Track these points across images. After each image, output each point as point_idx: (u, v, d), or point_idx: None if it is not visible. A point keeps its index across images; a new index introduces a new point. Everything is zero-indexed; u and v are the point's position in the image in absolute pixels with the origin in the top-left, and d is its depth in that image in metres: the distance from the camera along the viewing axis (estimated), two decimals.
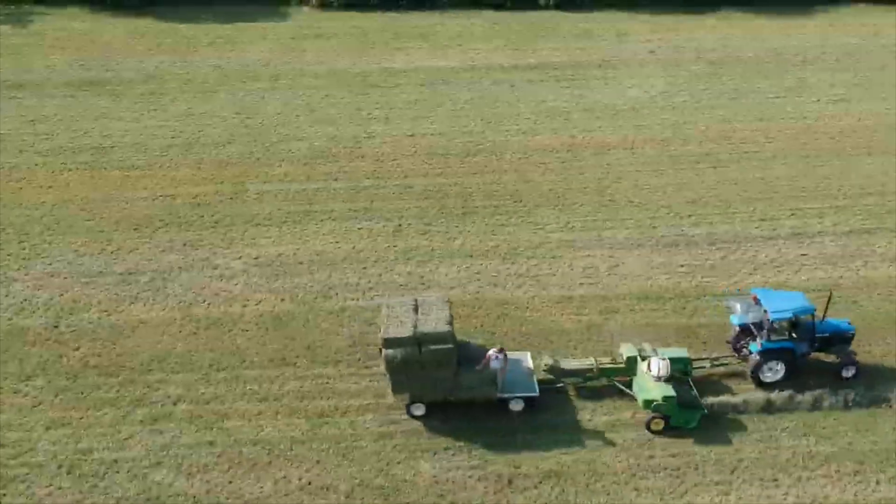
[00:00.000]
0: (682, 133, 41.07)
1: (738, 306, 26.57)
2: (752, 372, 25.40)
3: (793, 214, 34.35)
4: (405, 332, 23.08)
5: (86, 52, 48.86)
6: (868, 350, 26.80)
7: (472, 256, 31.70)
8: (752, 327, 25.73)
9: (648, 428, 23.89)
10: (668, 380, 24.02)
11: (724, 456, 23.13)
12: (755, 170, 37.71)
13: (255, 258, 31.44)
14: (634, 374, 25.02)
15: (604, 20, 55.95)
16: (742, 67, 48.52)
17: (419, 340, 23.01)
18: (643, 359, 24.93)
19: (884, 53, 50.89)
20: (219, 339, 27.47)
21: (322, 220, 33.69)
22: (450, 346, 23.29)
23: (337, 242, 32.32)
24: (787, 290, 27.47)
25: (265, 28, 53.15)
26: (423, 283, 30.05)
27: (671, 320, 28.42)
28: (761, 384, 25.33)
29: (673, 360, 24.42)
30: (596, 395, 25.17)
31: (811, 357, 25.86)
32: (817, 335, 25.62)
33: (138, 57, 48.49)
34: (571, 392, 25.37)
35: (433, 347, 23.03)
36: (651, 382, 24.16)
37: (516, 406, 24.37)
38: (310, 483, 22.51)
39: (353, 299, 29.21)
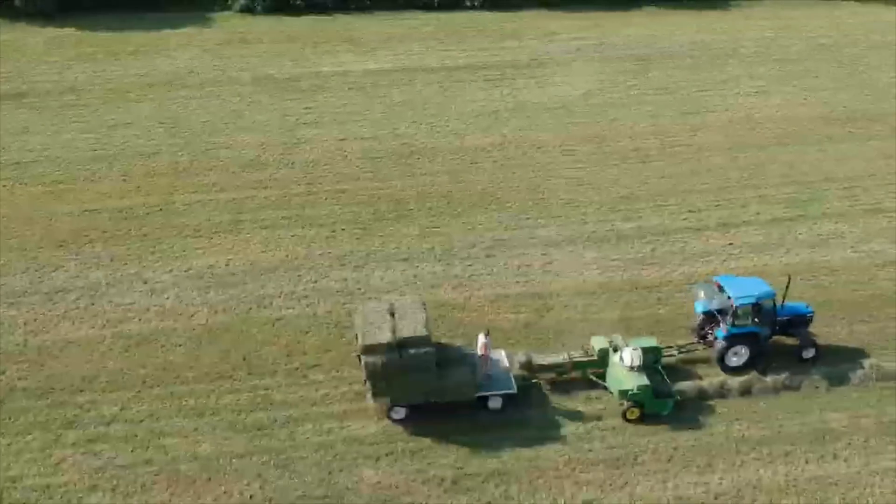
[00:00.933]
0: (611, 129, 41.74)
1: (701, 294, 27.17)
2: (718, 357, 26.03)
3: (719, 205, 35.23)
4: (384, 337, 22.95)
5: (2, 63, 47.23)
6: None
7: (407, 259, 31.68)
8: (716, 314, 26.37)
9: (624, 417, 24.29)
10: (640, 369, 24.54)
11: (660, 445, 23.60)
12: (683, 163, 38.57)
13: (186, 270, 30.84)
14: (607, 367, 25.44)
15: (531, 19, 56.51)
16: (667, 63, 49.55)
17: (399, 345, 22.96)
18: (615, 350, 25.39)
19: (798, 46, 52.60)
20: (152, 355, 26.87)
21: (254, 229, 33.24)
22: (430, 349, 23.28)
23: (270, 251, 31.93)
24: (747, 277, 28.19)
25: (189, 35, 52.17)
26: (360, 289, 29.91)
27: (605, 314, 28.85)
28: (727, 369, 26.01)
29: (644, 350, 24.93)
30: (539, 393, 25.41)
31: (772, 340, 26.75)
32: (778, 319, 26.44)
33: (58, 67, 47.10)
34: (547, 388, 25.74)
35: (413, 351, 22.97)
36: (625, 373, 24.60)
37: (495, 403, 24.48)
38: (251, 497, 22.18)
39: (288, 308, 28.90)
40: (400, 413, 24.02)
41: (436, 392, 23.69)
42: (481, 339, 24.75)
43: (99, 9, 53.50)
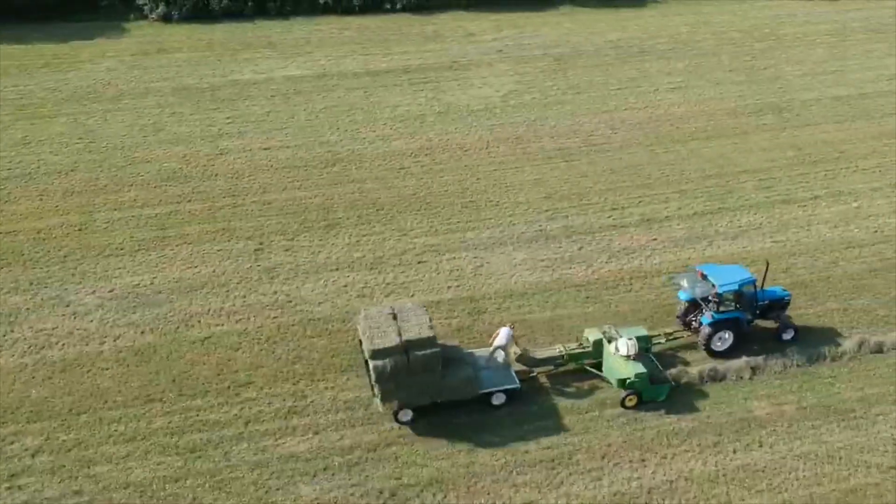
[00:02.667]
0: (533, 130, 42.29)
1: (684, 282, 27.99)
2: (705, 343, 26.89)
3: (641, 202, 36.05)
4: (391, 341, 23.24)
5: None
6: None
7: (338, 269, 31.52)
8: (700, 301, 27.24)
9: (623, 405, 25.00)
10: (636, 358, 25.18)
11: (594, 443, 24.06)
12: (604, 161, 39.33)
13: (110, 291, 30.05)
14: (601, 357, 26.04)
15: (451, 21, 56.83)
16: (584, 61, 50.45)
17: (406, 347, 23.26)
18: (609, 341, 25.90)
19: (713, 40, 54.20)
20: (77, 381, 26.10)
21: (178, 245, 32.59)
22: (436, 349, 23.62)
23: (196, 267, 31.36)
24: (727, 264, 29.16)
25: (103, 45, 50.78)
26: (290, 302, 29.63)
27: (536, 315, 29.25)
28: (713, 353, 26.95)
29: (637, 339, 25.60)
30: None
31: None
32: (759, 303, 27.41)
33: None
34: (543, 380, 26.22)
35: (420, 353, 23.31)
36: (621, 362, 25.22)
37: (498, 400, 24.85)
38: None
39: (217, 325, 28.44)
40: (407, 415, 24.19)
41: (441, 392, 24.10)
42: (506, 331, 25.44)
43: (7, 20, 51.60)
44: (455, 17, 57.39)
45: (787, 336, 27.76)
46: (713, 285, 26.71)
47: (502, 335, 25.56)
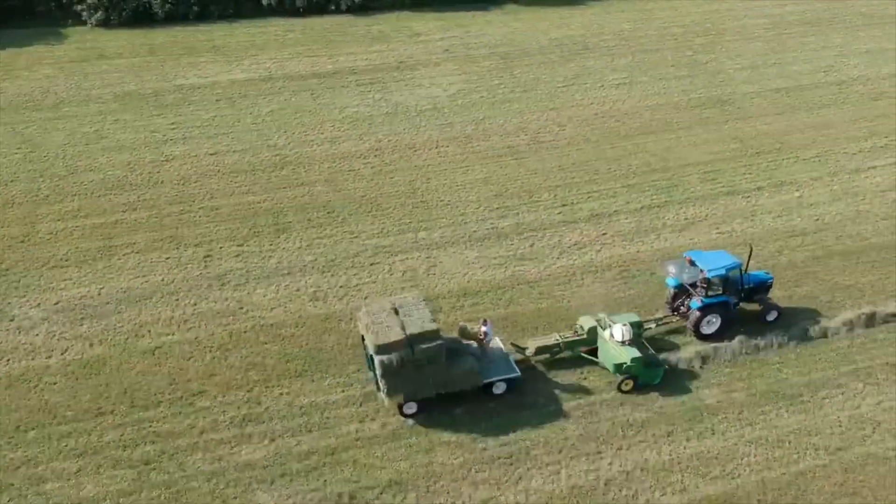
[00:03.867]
0: (482, 128, 42.47)
1: (671, 269, 28.66)
2: (694, 326, 27.50)
3: (590, 197, 36.45)
4: (396, 335, 23.37)
5: None
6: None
7: (289, 274, 31.27)
8: (688, 287, 27.86)
9: (619, 389, 25.50)
10: (631, 343, 25.73)
11: (551, 438, 24.26)
12: (552, 158, 39.66)
13: (56, 304, 29.39)
14: (596, 344, 26.53)
15: (396, 21, 56.78)
16: (530, 59, 50.84)
17: (411, 341, 23.39)
18: (604, 328, 26.28)
19: (655, 36, 55.04)
20: (24, 396, 25.47)
21: (125, 255, 32.01)
22: (440, 342, 23.86)
23: (144, 276, 30.84)
24: (713, 251, 29.71)
25: (40, 52, 49.69)
26: (242, 308, 29.31)
27: (490, 312, 29.35)
28: (702, 337, 27.65)
29: (630, 325, 26.11)
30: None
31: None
32: (744, 287, 28.16)
33: None
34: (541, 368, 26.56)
35: (425, 346, 23.51)
36: (617, 348, 25.71)
37: (499, 389, 25.22)
38: None
39: (168, 335, 28.00)
40: (412, 408, 24.33)
41: (446, 383, 24.32)
42: (483, 328, 25.76)
43: None
44: (400, 18, 57.38)
45: (771, 317, 28.64)
46: (701, 270, 27.46)
47: (486, 328, 25.90)
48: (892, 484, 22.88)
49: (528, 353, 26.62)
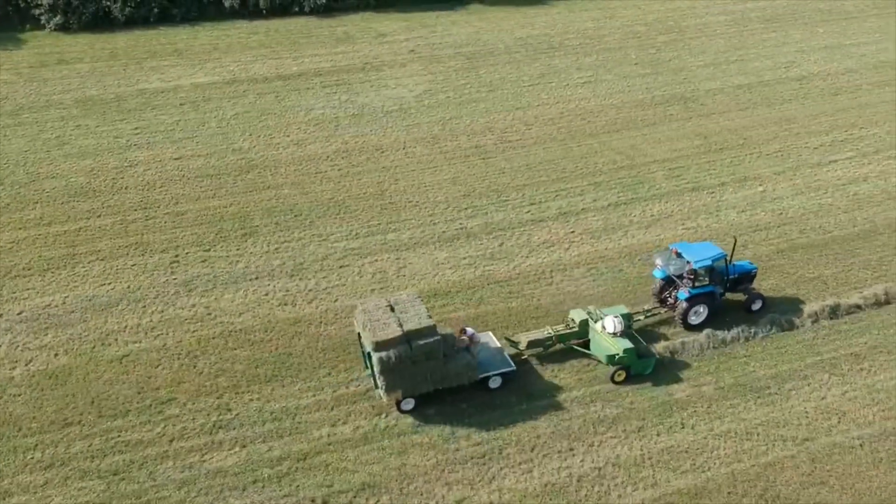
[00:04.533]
0: (449, 129, 42.50)
1: (658, 261, 29.06)
2: (682, 317, 27.98)
3: (557, 195, 36.63)
4: (393, 332, 23.51)
5: None
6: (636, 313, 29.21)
7: (257, 278, 31.03)
8: (674, 278, 28.25)
9: (612, 380, 26.02)
10: (622, 334, 26.21)
11: (523, 436, 24.33)
12: (520, 157, 39.80)
13: (19, 313, 28.88)
14: (587, 336, 26.92)
15: (361, 22, 56.66)
16: (496, 59, 51.00)
17: (408, 338, 23.58)
18: (594, 320, 26.70)
19: (619, 35, 55.50)
20: None
21: (90, 262, 31.55)
22: (437, 337, 24.03)
23: (109, 284, 30.41)
24: (698, 242, 30.16)
25: None
26: (210, 314, 29.02)
27: (461, 313, 29.38)
28: (689, 327, 28.17)
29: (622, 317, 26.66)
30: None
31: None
32: (729, 277, 28.66)
33: None
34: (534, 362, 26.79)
35: (422, 342, 23.67)
36: (609, 340, 26.13)
37: (495, 383, 25.56)
38: None
39: (135, 343, 27.64)
40: (410, 404, 24.62)
41: (442, 378, 24.55)
42: (469, 331, 25.86)
43: None
44: (365, 19, 57.26)
45: (756, 307, 29.15)
46: (688, 262, 27.87)
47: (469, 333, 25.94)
48: (858, 472, 23.29)
49: (520, 346, 26.91)
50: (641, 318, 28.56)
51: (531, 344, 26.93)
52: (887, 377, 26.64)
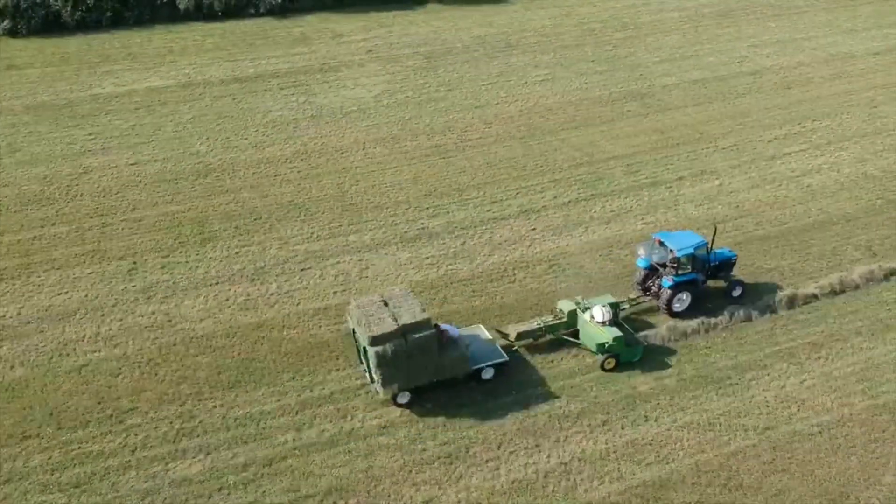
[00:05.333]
0: (409, 128, 42.43)
1: (641, 251, 29.60)
2: (666, 304, 28.51)
3: (518, 193, 36.77)
4: (389, 327, 23.84)
5: None
6: None
7: (218, 283, 30.69)
8: (658, 267, 28.62)
9: (602, 368, 26.50)
10: (611, 323, 26.77)
11: (489, 434, 24.39)
12: (480, 156, 39.88)
13: None
14: (575, 326, 27.35)
15: (318, 23, 56.31)
16: (454, 58, 51.04)
17: (404, 331, 23.92)
18: (582, 311, 26.99)
19: (575, 32, 55.88)
20: None
21: (45, 271, 30.94)
22: (432, 331, 24.54)
23: (66, 293, 29.85)
24: (679, 231, 31.10)
25: None
26: (170, 321, 28.64)
27: (426, 314, 29.22)
28: (673, 314, 28.70)
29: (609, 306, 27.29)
30: (359, 401, 25.47)
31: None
32: (710, 264, 29.26)
33: None
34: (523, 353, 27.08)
35: (417, 335, 24.05)
36: (598, 328, 26.61)
37: (487, 374, 25.97)
38: None
39: (94, 352, 27.17)
40: (405, 398, 24.91)
41: (437, 371, 24.96)
42: (445, 327, 26.04)
43: None
44: (322, 19, 56.93)
45: (737, 293, 29.76)
46: (671, 250, 28.36)
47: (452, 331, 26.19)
48: (818, 459, 23.74)
49: (510, 338, 27.26)
50: (627, 307, 29.10)
51: (519, 336, 27.31)
52: (844, 365, 27.20)
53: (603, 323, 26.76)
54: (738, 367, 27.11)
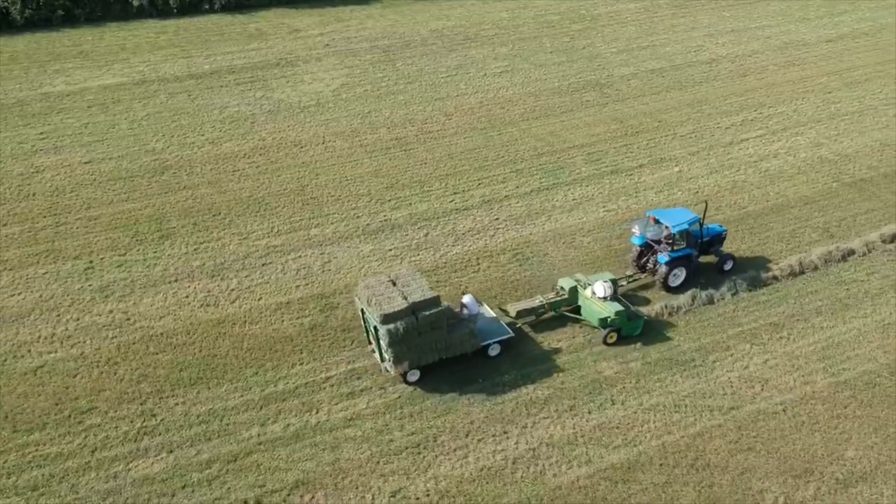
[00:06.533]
0: (368, 122, 42.11)
1: (636, 229, 30.04)
2: (663, 280, 29.19)
3: (480, 184, 36.67)
4: (399, 305, 24.07)
5: None
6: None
7: (177, 280, 30.12)
8: (653, 244, 29.29)
9: (605, 342, 27.05)
10: (612, 298, 27.37)
11: (457, 423, 24.23)
12: (441, 148, 39.71)
13: None
14: (576, 303, 27.82)
15: (274, 18, 55.71)
16: (412, 51, 50.81)
17: (414, 309, 24.16)
18: (584, 287, 27.63)
19: (533, 24, 55.97)
20: None
21: None
22: (442, 308, 24.78)
23: (20, 294, 29.07)
24: (672, 208, 31.88)
25: None
26: (129, 319, 28.03)
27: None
28: (670, 289, 29.41)
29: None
30: (321, 397, 25.17)
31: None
32: (702, 240, 30.08)
33: None
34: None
35: (427, 313, 24.36)
36: (600, 304, 27.16)
37: (494, 350, 26.40)
38: None
39: (50, 353, 26.46)
40: (415, 375, 25.23)
41: (446, 348, 25.24)
42: (466, 299, 26.32)
43: None
44: (278, 15, 56.33)
45: (728, 266, 30.52)
46: (666, 227, 28.89)
47: (469, 303, 26.29)
48: (782, 437, 23.97)
49: (511, 316, 27.59)
50: (624, 283, 29.55)
51: (519, 313, 27.64)
52: (805, 344, 27.53)
53: (604, 298, 27.29)
54: (701, 349, 27.30)
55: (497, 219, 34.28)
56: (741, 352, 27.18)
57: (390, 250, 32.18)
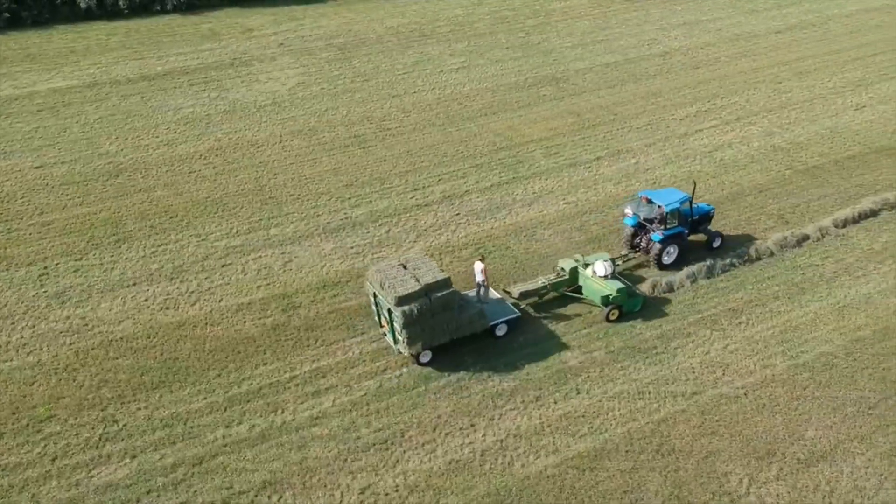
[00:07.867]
0: (325, 120, 41.87)
1: (628, 209, 30.81)
2: (656, 257, 30.18)
3: (440, 180, 36.69)
4: (413, 287, 24.65)
5: None
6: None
7: (135, 284, 29.64)
8: (646, 223, 30.58)
9: (607, 319, 27.90)
10: (612, 276, 28.21)
11: (424, 417, 24.20)
12: (400, 144, 39.64)
13: None
14: (577, 283, 28.76)
15: (227, 18, 55.12)
16: (368, 49, 50.66)
17: (427, 291, 24.77)
18: (585, 266, 28.48)
19: (488, 20, 56.15)
20: None
21: None
22: (453, 289, 25.47)
23: None
24: (662, 188, 33.29)
25: None
26: (87, 325, 27.51)
27: (353, 302, 28.98)
28: (663, 267, 30.47)
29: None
30: (286, 393, 24.97)
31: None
32: (692, 218, 31.05)
33: None
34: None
35: (440, 294, 24.97)
36: (601, 283, 27.97)
37: (501, 331, 27.05)
38: None
39: (5, 361, 25.84)
40: (427, 356, 25.84)
41: (457, 329, 25.87)
42: (479, 265, 26.85)
43: None
44: (230, 14, 55.72)
45: (716, 244, 31.68)
46: (658, 206, 29.72)
47: (478, 270, 26.84)
48: (745, 420, 24.37)
49: (513, 297, 28.05)
50: (619, 263, 30.30)
51: (522, 295, 28.09)
52: (764, 328, 28.01)
53: (605, 277, 27.93)
54: (663, 336, 27.63)
55: (458, 214, 34.31)
56: (702, 338, 27.56)
57: (352, 248, 32.02)
